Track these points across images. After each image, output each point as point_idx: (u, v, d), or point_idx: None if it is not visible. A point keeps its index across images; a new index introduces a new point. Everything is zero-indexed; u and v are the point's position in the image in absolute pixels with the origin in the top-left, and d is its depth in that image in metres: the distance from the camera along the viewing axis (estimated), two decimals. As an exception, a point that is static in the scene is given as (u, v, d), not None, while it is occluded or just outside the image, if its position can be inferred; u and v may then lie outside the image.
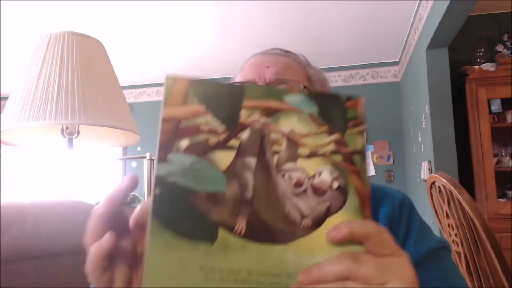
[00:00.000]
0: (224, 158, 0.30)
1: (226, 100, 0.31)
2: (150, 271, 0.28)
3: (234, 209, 0.30)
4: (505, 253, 1.01)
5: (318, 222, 0.30)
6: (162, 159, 0.29)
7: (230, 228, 0.29)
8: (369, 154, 3.71)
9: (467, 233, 1.12)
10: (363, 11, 2.73)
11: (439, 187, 1.24)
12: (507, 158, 2.62)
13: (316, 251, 0.30)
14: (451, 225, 1.23)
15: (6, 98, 1.18)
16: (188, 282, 0.29)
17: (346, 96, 0.32)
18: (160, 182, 0.29)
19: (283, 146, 0.31)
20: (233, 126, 0.31)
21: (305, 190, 0.30)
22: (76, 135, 1.22)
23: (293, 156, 0.31)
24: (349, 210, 0.30)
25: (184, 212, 0.29)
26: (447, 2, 1.96)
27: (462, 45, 2.86)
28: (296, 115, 0.31)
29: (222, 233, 0.30)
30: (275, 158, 0.31)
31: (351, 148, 0.31)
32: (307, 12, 2.74)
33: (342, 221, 0.30)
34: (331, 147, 0.31)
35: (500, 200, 2.50)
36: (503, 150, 2.67)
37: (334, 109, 0.32)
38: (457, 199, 1.10)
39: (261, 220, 0.30)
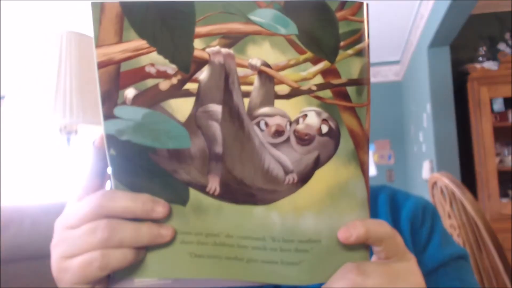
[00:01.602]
0: (181, 107, 0.25)
1: (173, 28, 0.24)
2: None
3: (203, 166, 0.25)
4: (507, 254, 1.00)
5: (305, 177, 0.25)
6: (108, 114, 0.25)
7: (202, 188, 0.25)
8: (369, 153, 3.70)
9: (469, 234, 1.11)
10: (364, 10, 2.72)
11: (440, 187, 1.23)
12: (510, 157, 2.61)
13: (305, 210, 0.25)
14: (453, 225, 1.22)
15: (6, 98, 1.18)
16: (164, 247, 0.26)
17: (337, 2, 0.23)
18: (112, 142, 0.25)
19: (254, 85, 0.24)
20: (186, 63, 0.24)
21: (287, 139, 0.25)
22: (74, 134, 1.22)
23: (269, 97, 0.24)
24: (341, 156, 0.25)
25: (147, 172, 0.25)
26: (449, 1, 1.94)
27: (464, 43, 2.84)
28: (268, 39, 0.24)
29: (194, 193, 0.26)
30: (246, 102, 0.25)
31: (345, 78, 0.24)
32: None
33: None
34: (318, 79, 0.24)
35: (503, 200, 2.48)
36: (505, 150, 2.65)
37: (320, 25, 0.23)
38: (459, 199, 1.09)
39: (236, 178, 0.25)
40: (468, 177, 2.55)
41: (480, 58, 2.76)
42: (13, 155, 3.79)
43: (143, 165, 0.25)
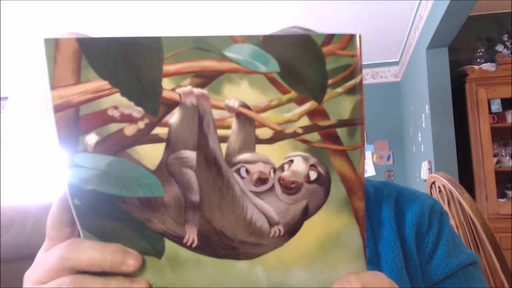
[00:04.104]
0: (150, 154, 0.22)
1: (138, 66, 0.21)
2: None
3: (179, 216, 0.23)
4: (505, 253, 1.01)
5: (292, 229, 0.23)
6: (69, 163, 0.22)
7: (179, 239, 0.23)
8: (368, 154, 3.71)
9: (467, 233, 1.12)
10: (363, 11, 2.73)
11: (439, 187, 1.24)
12: (507, 158, 2.62)
13: (293, 265, 0.23)
14: (451, 225, 1.23)
15: (6, 98, 1.19)
16: None
17: (323, 36, 0.20)
18: (76, 192, 0.23)
19: (232, 128, 0.22)
20: (154, 106, 0.21)
21: (272, 188, 0.22)
22: (76, 135, 1.22)
23: (249, 142, 0.22)
24: (332, 205, 0.22)
25: (117, 221, 0.23)
26: (447, 2, 1.95)
27: (462, 45, 2.85)
28: (247, 77, 0.21)
29: (169, 244, 0.23)
30: (224, 147, 0.22)
31: (334, 119, 0.21)
32: (306, 11, 2.74)
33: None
34: (304, 121, 0.22)
35: (500, 200, 2.49)
36: (503, 150, 2.67)
37: (304, 62, 0.21)
38: (457, 199, 1.10)
39: (216, 229, 0.23)
40: (466, 178, 2.57)
41: (478, 60, 2.77)
42: (15, 155, 3.79)
43: (111, 214, 0.23)
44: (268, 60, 0.21)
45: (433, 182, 1.28)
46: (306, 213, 0.23)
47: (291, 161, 0.22)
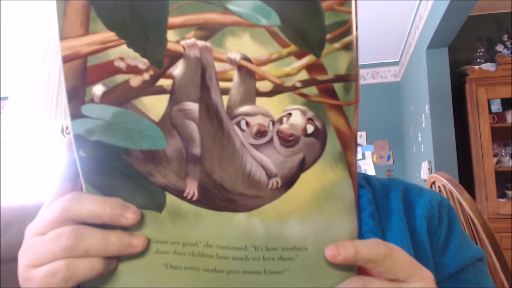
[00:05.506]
0: (155, 105, 0.23)
1: (144, 18, 0.21)
2: None
3: (180, 169, 0.23)
4: (505, 253, 1.01)
5: (289, 181, 0.23)
6: (76, 113, 0.23)
7: (179, 193, 0.24)
8: (368, 154, 3.71)
9: (467, 233, 1.12)
10: (363, 11, 2.73)
11: (439, 187, 1.24)
12: (507, 158, 2.62)
13: (289, 216, 0.24)
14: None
15: (6, 98, 1.19)
16: (137, 257, 0.24)
17: None
18: (81, 143, 0.23)
19: (234, 81, 0.22)
20: (159, 58, 0.22)
21: (270, 140, 0.23)
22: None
23: (250, 94, 0.22)
24: (327, 158, 0.23)
25: (120, 174, 0.24)
26: (447, 2, 1.96)
27: (462, 45, 2.86)
28: (248, 31, 0.21)
29: (170, 198, 0.24)
30: (225, 99, 0.23)
31: (332, 74, 0.22)
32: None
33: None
34: (302, 75, 0.22)
35: (500, 200, 2.50)
36: (503, 150, 2.67)
37: (305, 16, 0.21)
38: (457, 199, 1.10)
39: (216, 182, 0.23)
40: (466, 178, 2.57)
41: (478, 60, 2.77)
42: (15, 155, 3.79)
43: (115, 167, 0.24)
44: (270, 13, 0.21)
45: (433, 182, 1.28)
46: (302, 166, 0.23)
47: (290, 114, 0.22)
